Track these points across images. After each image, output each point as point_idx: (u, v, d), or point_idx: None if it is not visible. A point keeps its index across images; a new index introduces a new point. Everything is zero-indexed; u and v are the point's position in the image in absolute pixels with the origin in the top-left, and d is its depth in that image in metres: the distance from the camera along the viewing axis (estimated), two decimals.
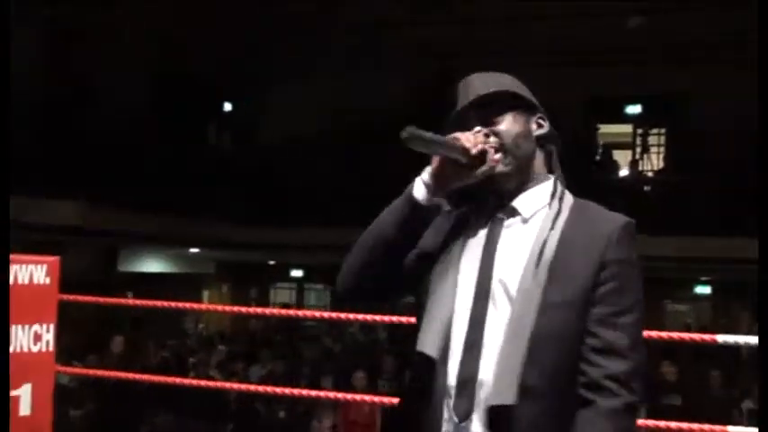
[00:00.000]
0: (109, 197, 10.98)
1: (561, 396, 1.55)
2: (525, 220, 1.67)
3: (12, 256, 3.20)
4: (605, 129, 16.15)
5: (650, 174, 15.10)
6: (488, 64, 2.06)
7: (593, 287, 1.57)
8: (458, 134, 1.63)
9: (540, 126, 1.73)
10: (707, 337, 3.07)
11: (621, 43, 13.80)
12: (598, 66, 14.26)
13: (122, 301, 3.78)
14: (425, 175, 1.66)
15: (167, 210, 12.26)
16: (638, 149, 15.58)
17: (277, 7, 13.58)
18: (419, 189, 1.65)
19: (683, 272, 14.26)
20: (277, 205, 14.01)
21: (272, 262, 17.61)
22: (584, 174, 13.08)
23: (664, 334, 2.94)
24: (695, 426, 2.83)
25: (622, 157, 15.32)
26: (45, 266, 3.24)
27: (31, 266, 3.20)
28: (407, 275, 1.72)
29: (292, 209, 13.91)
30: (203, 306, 12.98)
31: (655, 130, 15.74)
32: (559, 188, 1.69)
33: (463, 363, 1.59)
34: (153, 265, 15.62)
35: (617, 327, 1.56)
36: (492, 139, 1.65)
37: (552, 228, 1.62)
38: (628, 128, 15.95)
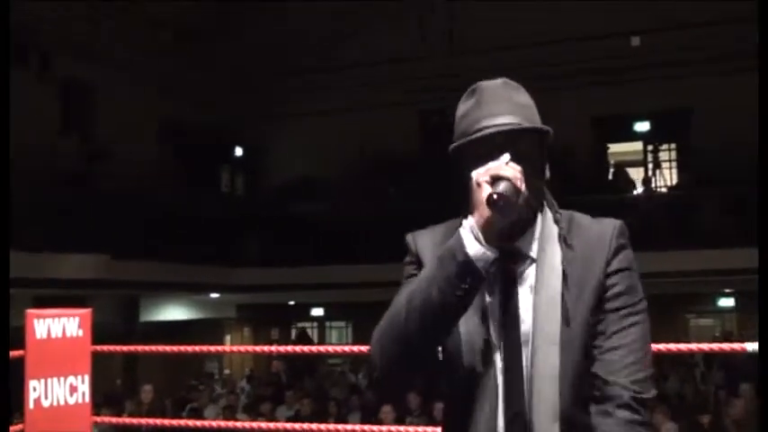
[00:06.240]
0: (127, 249, 11.07)
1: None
2: (533, 261, 1.54)
3: (44, 311, 3.27)
4: (615, 147, 16.17)
5: (664, 189, 15.07)
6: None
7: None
8: (495, 167, 1.41)
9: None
10: (736, 346, 3.02)
11: (625, 63, 13.91)
12: (604, 85, 14.36)
13: (152, 348, 3.83)
14: (472, 226, 1.41)
15: (185, 257, 12.36)
16: (650, 166, 15.56)
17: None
18: (472, 245, 1.40)
19: (706, 285, 14.18)
20: (293, 245, 14.08)
21: (291, 302, 17.63)
22: (598, 193, 13.08)
23: (693, 346, 2.92)
24: None
25: (635, 175, 15.30)
26: (77, 319, 3.27)
27: (63, 320, 3.23)
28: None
29: (307, 248, 13.97)
30: (227, 348, 13.10)
31: (665, 146, 15.72)
32: (562, 224, 1.57)
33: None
34: (174, 312, 15.66)
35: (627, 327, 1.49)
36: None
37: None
38: (638, 145, 15.97)
